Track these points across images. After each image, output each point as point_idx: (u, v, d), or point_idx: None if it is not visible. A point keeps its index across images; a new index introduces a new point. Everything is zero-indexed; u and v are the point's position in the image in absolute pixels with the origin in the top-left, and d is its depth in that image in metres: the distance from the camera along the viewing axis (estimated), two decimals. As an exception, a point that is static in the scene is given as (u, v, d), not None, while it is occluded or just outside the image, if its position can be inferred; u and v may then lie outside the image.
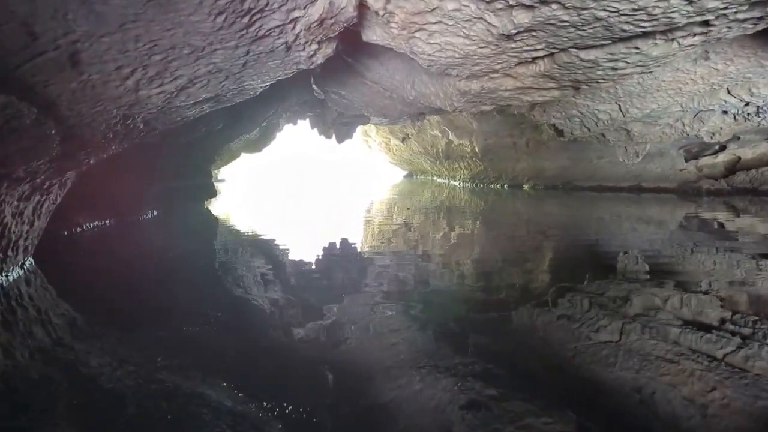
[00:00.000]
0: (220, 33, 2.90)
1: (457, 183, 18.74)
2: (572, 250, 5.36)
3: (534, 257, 4.99)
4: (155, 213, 9.09)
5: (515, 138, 15.94)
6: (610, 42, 3.39)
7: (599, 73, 3.84)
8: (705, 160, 12.11)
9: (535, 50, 3.55)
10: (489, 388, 2.14)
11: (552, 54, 3.67)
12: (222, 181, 25.99)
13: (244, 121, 7.57)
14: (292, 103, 10.94)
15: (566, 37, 3.30)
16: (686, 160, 12.31)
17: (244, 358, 2.55)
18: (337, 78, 7.41)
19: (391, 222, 8.09)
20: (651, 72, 4.07)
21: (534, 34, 3.26)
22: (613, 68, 3.75)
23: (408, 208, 9.75)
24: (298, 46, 3.50)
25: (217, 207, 11.08)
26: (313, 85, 9.83)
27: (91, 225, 7.21)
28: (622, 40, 3.36)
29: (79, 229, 6.89)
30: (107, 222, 7.65)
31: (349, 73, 7.01)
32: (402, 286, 3.82)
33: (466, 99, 4.82)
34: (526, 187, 15.90)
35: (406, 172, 26.10)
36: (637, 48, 3.40)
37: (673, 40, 3.27)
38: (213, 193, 10.18)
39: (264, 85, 4.38)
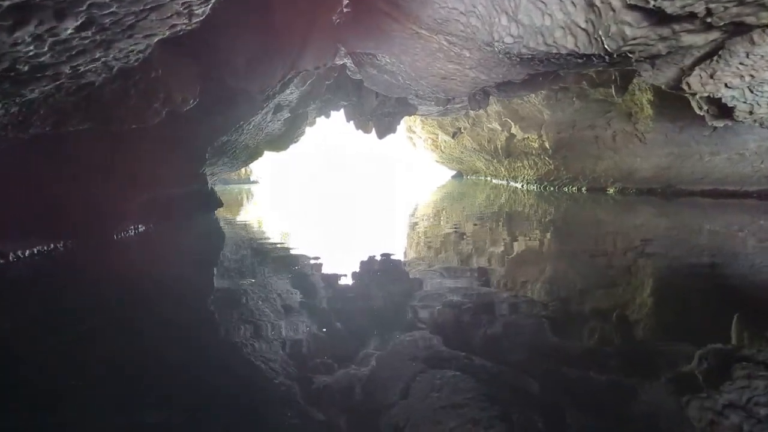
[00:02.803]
0: None
1: (518, 185, 15.81)
2: (689, 279, 4.01)
3: (632, 287, 3.89)
4: (140, 228, 7.01)
5: (598, 130, 12.89)
6: None
7: None
8: None
9: None
10: None
11: None
12: (255, 182, 24.40)
13: (236, 102, 5.11)
14: (320, 90, 8.50)
15: None
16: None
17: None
18: (375, 28, 4.82)
19: (439, 231, 7.08)
20: None
21: None
22: None
23: (475, 224, 7.48)
24: None
25: (244, 214, 9.98)
26: (344, 59, 7.31)
27: (28, 252, 5.09)
28: None
29: (0, 261, 4.76)
30: (61, 245, 5.54)
31: (394, 18, 4.43)
32: (460, 323, 2.98)
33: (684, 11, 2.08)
34: (610, 190, 12.84)
35: (454, 172, 23.54)
36: None
37: None
38: (215, 202, 7.97)
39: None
